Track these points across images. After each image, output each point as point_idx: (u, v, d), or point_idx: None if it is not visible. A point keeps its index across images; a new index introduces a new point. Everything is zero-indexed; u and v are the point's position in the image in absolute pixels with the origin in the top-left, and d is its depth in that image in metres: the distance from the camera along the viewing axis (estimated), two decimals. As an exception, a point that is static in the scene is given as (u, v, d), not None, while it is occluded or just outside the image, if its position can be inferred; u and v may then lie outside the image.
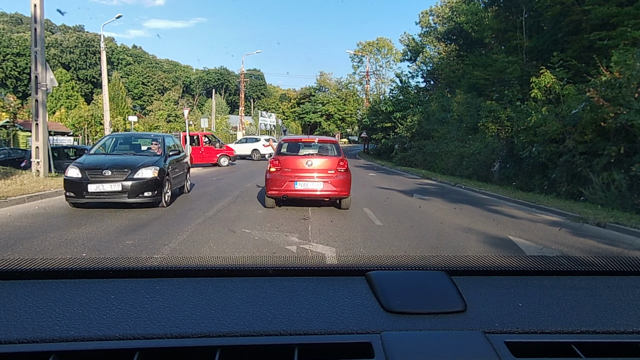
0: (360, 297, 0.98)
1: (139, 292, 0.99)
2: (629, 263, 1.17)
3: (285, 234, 6.72)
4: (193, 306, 0.93)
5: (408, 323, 0.88)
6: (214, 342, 0.81)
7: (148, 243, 6.04)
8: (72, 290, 0.99)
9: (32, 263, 1.07)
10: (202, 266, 1.15)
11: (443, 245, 6.34)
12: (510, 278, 1.13)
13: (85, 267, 1.10)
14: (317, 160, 8.89)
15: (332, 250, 5.78)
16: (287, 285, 1.04)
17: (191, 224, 7.31)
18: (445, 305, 0.93)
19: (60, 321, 0.85)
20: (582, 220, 8.37)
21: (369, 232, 7.07)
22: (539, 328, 0.87)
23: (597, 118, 11.34)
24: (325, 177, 8.68)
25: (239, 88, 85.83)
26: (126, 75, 71.64)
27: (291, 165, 8.79)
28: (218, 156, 24.34)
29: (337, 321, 0.87)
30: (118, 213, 8.23)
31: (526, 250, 6.03)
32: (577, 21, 18.15)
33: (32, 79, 12.31)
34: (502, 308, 0.95)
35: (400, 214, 8.96)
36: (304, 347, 0.81)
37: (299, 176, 8.66)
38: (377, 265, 1.15)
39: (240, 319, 0.87)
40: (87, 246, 5.78)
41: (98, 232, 6.74)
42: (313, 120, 74.07)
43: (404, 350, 0.78)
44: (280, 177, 8.67)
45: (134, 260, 1.27)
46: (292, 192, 8.69)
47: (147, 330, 0.84)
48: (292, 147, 9.51)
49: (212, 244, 6.09)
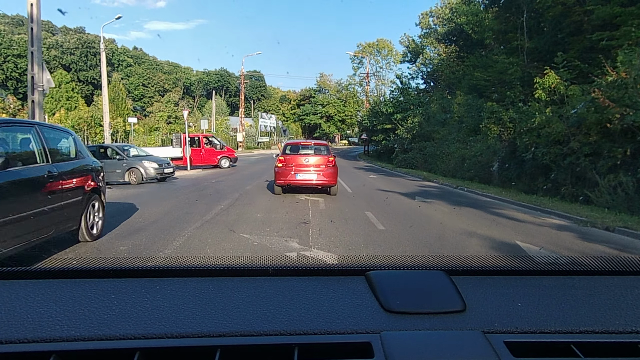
0: (360, 297, 0.97)
1: (139, 292, 0.98)
2: (627, 263, 1.17)
3: (285, 239, 6.46)
4: (193, 306, 0.92)
5: (408, 323, 0.88)
6: (214, 342, 0.81)
7: (142, 249, 5.77)
8: (72, 290, 0.98)
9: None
10: (203, 266, 1.14)
11: (448, 251, 6.08)
12: (509, 278, 1.13)
13: (86, 267, 1.09)
14: (313, 158, 11.54)
15: (333, 257, 5.51)
16: (287, 285, 1.04)
17: (188, 228, 7.05)
18: (445, 305, 0.93)
19: (61, 321, 0.85)
20: (590, 224, 8.10)
21: (371, 237, 6.80)
22: (538, 328, 0.87)
23: (602, 119, 11.07)
24: (318, 170, 11.37)
25: (239, 89, 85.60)
26: (127, 77, 71.40)
27: (293, 162, 11.41)
28: (219, 158, 24.12)
29: (337, 321, 0.87)
30: (109, 219, 7.97)
31: (535, 256, 5.76)
32: (579, 22, 17.90)
33: (28, 79, 12.02)
34: (502, 308, 0.95)
35: (403, 218, 8.69)
36: (304, 347, 0.80)
37: (299, 170, 11.33)
38: (377, 265, 1.14)
39: (241, 319, 0.87)
40: (78, 253, 5.52)
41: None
42: (313, 122, 73.72)
43: (404, 350, 0.78)
44: (285, 170, 11.34)
45: (135, 260, 1.25)
46: (294, 181, 11.35)
47: (148, 330, 0.83)
48: (294, 148, 12.29)
49: (210, 250, 5.83)
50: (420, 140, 27.08)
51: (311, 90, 78.70)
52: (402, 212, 9.55)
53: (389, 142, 33.59)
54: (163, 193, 12.72)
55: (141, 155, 16.77)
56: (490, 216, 9.13)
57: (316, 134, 71.26)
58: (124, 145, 19.66)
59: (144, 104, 71.36)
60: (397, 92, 36.13)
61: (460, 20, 36.81)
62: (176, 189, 13.81)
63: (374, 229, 7.37)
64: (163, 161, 16.58)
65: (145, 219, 7.88)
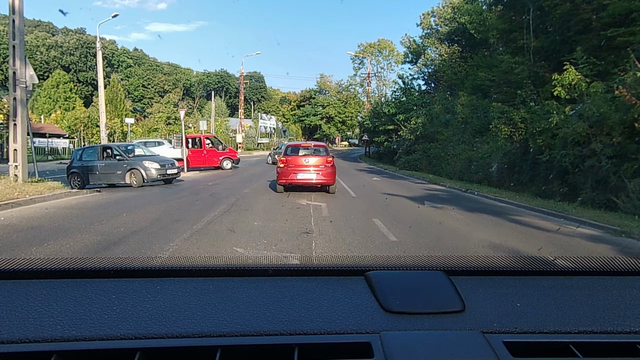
0: (359, 297, 0.96)
1: (140, 292, 0.97)
2: (625, 264, 1.16)
3: (284, 254, 5.55)
4: (194, 306, 0.91)
5: (407, 323, 0.87)
6: (215, 341, 0.80)
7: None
8: (73, 290, 0.97)
9: (34, 263, 1.05)
10: (203, 266, 1.13)
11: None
12: (508, 278, 1.12)
13: (87, 267, 1.08)
14: (312, 159, 12.03)
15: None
16: (287, 285, 1.03)
17: (175, 240, 6.15)
18: (444, 305, 0.92)
19: (62, 321, 0.84)
20: (624, 234, 7.20)
21: (383, 251, 5.90)
22: (537, 328, 0.87)
23: (627, 118, 10.20)
24: (317, 170, 11.81)
25: (239, 90, 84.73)
26: (126, 78, 70.66)
27: (294, 162, 11.90)
28: (221, 159, 23.30)
29: (337, 321, 0.87)
30: (88, 227, 7.08)
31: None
32: (587, 20, 17.08)
33: (9, 75, 11.12)
34: (501, 308, 0.94)
35: (415, 226, 7.79)
36: (304, 347, 0.80)
37: (299, 170, 11.82)
38: (377, 265, 1.14)
39: (241, 319, 0.87)
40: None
41: (63, 250, 5.59)
42: (313, 123, 71.47)
43: (403, 350, 0.77)
44: (287, 170, 11.83)
45: (136, 260, 1.19)
46: (295, 181, 11.85)
47: (149, 330, 0.83)
48: (294, 150, 12.64)
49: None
50: (423, 141, 26.15)
51: (311, 91, 76.35)
52: (413, 219, 8.64)
53: (391, 144, 32.67)
54: (157, 197, 11.82)
55: (143, 156, 15.54)
56: (512, 225, 8.21)
57: (316, 135, 70.33)
58: (128, 144, 18.65)
59: (144, 105, 70.54)
60: (400, 92, 35.22)
61: (463, 19, 35.96)
62: (171, 192, 12.91)
63: (386, 241, 6.46)
64: (167, 161, 15.26)
65: (127, 228, 6.98)
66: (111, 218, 8.04)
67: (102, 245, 5.87)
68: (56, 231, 6.77)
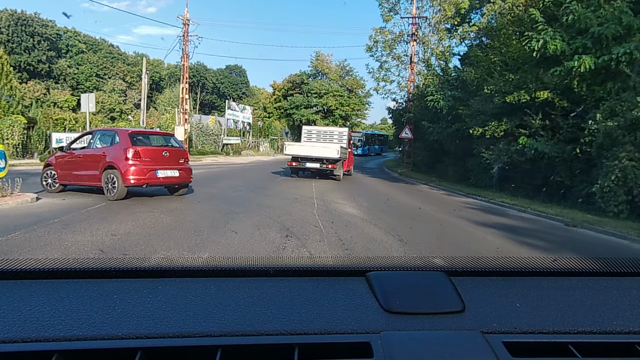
0: (359, 297, 0.92)
1: (141, 291, 0.92)
2: (625, 264, 1.11)
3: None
4: (195, 306, 0.87)
5: (407, 323, 0.84)
6: (216, 341, 0.77)
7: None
8: (75, 290, 0.92)
9: (35, 263, 0.99)
10: (204, 266, 1.07)
11: None
12: (508, 279, 1.06)
13: (88, 267, 1.01)
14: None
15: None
16: (288, 286, 0.97)
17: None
18: (444, 306, 0.89)
19: (63, 320, 0.80)
20: None
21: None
22: (537, 328, 0.84)
23: None
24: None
25: (216, 87, 66.94)
26: (76, 66, 53.44)
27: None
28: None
29: (337, 321, 0.83)
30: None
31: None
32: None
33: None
34: (500, 308, 0.90)
35: None
36: (304, 347, 0.77)
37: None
38: (377, 265, 1.08)
39: (242, 319, 0.83)
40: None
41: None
42: (305, 118, 47.44)
43: (403, 350, 0.75)
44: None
45: (137, 260, 1.09)
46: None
47: (150, 330, 0.79)
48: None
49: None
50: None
51: (303, 75, 51.25)
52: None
53: (485, 157, 14.60)
54: None
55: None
56: None
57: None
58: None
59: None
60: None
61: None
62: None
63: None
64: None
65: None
66: None
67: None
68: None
